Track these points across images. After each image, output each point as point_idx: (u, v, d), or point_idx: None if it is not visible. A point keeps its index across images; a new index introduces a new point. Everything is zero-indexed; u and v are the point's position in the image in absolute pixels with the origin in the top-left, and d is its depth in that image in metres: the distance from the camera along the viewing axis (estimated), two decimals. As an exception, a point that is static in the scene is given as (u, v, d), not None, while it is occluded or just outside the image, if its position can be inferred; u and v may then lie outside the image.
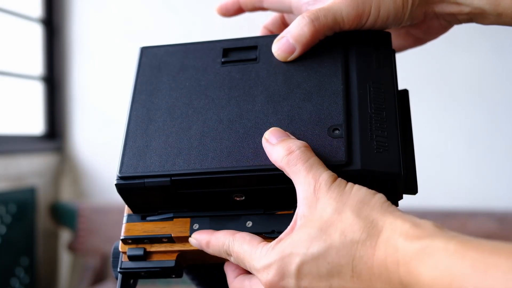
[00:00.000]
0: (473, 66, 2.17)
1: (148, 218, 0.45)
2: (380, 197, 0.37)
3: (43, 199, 2.30)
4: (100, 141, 2.41)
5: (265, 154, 0.41)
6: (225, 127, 0.44)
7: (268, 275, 0.38)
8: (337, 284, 0.36)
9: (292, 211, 0.42)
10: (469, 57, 2.17)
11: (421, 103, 2.14)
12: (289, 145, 0.39)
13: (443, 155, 2.18)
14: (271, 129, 0.42)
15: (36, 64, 2.41)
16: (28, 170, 2.24)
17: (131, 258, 0.44)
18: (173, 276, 0.46)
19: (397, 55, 0.50)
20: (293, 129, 0.42)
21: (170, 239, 0.44)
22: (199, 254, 0.44)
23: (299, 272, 0.37)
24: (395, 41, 0.51)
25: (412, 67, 2.12)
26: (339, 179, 0.38)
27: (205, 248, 0.42)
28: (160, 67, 0.49)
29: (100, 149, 2.42)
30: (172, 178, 0.42)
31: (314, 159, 0.39)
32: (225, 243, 0.41)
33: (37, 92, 2.42)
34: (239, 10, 0.52)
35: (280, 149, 0.40)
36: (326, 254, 0.36)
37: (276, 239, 0.39)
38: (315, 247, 0.36)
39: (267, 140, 0.41)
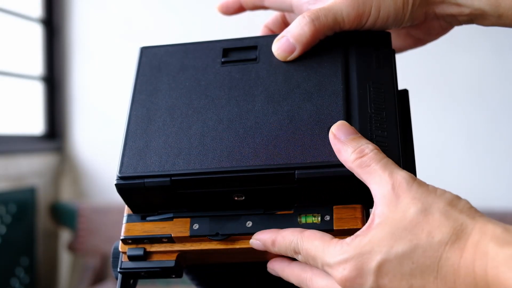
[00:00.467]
0: (473, 66, 2.17)
1: (148, 218, 0.45)
2: (467, 202, 0.37)
3: (43, 199, 2.30)
4: (100, 141, 2.41)
5: (265, 154, 0.41)
6: (225, 127, 0.43)
7: (344, 271, 0.37)
8: (418, 284, 0.36)
9: (292, 211, 0.42)
10: (469, 57, 2.17)
11: (421, 103, 2.14)
12: (361, 147, 0.39)
13: (443, 155, 2.18)
14: (339, 123, 0.41)
15: (36, 64, 2.41)
16: (28, 170, 2.24)
17: (131, 258, 0.44)
18: (173, 276, 0.45)
19: (397, 55, 0.50)
20: (293, 129, 0.42)
21: (170, 239, 0.44)
22: (199, 254, 0.44)
23: (379, 270, 0.36)
24: (396, 41, 0.51)
25: (412, 67, 2.12)
26: (419, 179, 0.38)
27: (270, 247, 0.42)
28: (160, 67, 0.49)
29: (100, 149, 2.42)
30: (172, 178, 0.42)
31: (388, 159, 0.39)
32: (293, 240, 0.40)
33: (37, 92, 2.42)
34: (240, 9, 0.52)
35: (350, 149, 0.39)
36: (411, 254, 0.36)
37: (352, 236, 0.38)
38: (400, 246, 0.36)
39: (335, 136, 0.40)
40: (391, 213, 0.37)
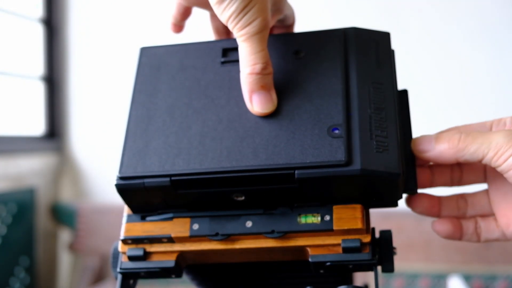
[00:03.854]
0: (473, 66, 2.17)
1: (148, 218, 0.45)
2: None
3: (43, 199, 2.30)
4: (100, 141, 2.41)
5: (265, 154, 0.41)
6: (225, 127, 0.43)
7: None
8: None
9: (292, 211, 0.42)
10: (469, 56, 2.17)
11: (421, 103, 2.14)
12: (450, 138, 0.43)
13: (443, 155, 2.18)
14: (415, 139, 0.44)
15: (37, 64, 2.41)
16: (28, 170, 2.24)
17: (131, 258, 0.44)
18: (173, 276, 0.45)
19: (397, 55, 0.50)
20: (293, 129, 0.42)
21: (170, 239, 0.44)
22: (199, 254, 0.44)
23: None
24: None
25: (412, 67, 2.12)
26: None
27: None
28: (160, 67, 0.49)
29: (100, 149, 2.42)
30: (172, 178, 0.42)
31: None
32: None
33: (37, 92, 2.42)
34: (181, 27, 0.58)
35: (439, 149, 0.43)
36: None
37: None
38: None
39: (421, 151, 0.44)
40: None
